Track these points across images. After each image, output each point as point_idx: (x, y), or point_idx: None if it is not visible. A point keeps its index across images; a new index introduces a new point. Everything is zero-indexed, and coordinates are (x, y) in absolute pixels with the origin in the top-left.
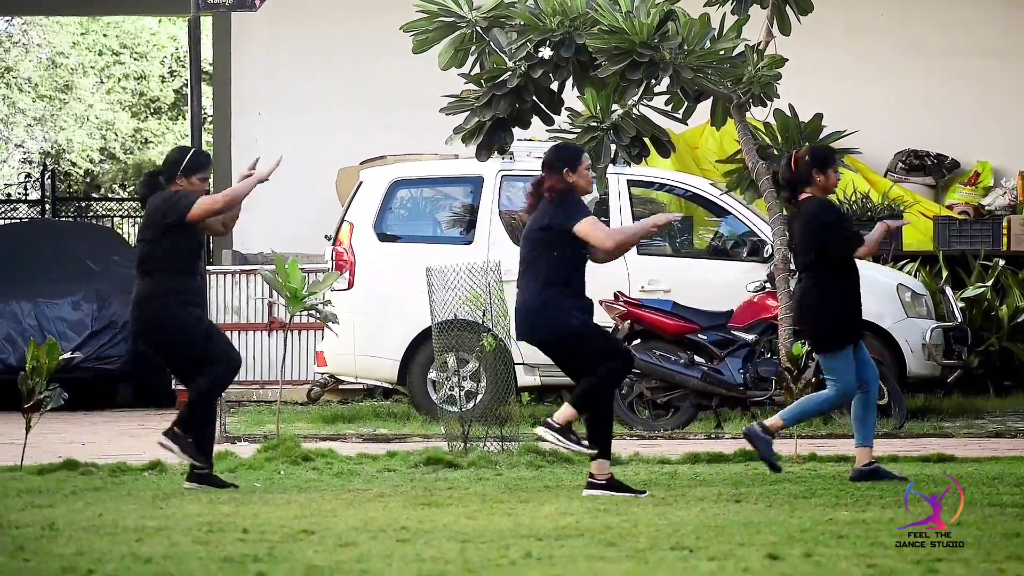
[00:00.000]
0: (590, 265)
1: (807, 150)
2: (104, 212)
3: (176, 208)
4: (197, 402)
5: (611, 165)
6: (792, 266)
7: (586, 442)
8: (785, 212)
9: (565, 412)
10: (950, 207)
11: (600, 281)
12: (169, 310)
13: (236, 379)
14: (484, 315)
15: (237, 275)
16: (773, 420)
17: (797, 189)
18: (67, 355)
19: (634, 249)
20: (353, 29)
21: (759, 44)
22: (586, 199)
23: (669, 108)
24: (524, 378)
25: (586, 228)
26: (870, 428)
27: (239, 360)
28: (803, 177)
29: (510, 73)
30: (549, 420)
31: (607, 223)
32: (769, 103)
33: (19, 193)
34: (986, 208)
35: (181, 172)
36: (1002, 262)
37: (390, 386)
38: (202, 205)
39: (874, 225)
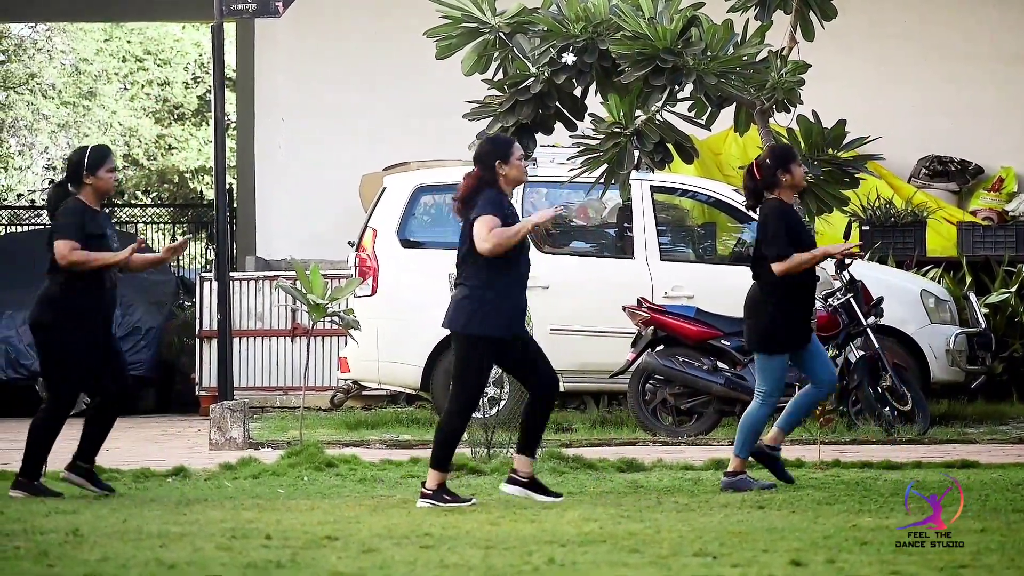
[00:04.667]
0: (613, 272)
1: (767, 153)
2: (127, 218)
3: (57, 230)
4: (31, 435)
5: (634, 171)
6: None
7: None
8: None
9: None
10: (974, 213)
11: (624, 287)
12: (59, 321)
13: (259, 385)
14: None
15: (260, 281)
16: (734, 465)
17: (762, 196)
18: None
19: (657, 255)
20: (376, 35)
21: (782, 50)
22: (606, 201)
23: (692, 114)
24: None
25: (476, 225)
26: (796, 417)
27: (65, 411)
28: (769, 181)
29: (533, 79)
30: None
31: (630, 229)
32: (792, 109)
33: (43, 199)
34: (1010, 214)
35: (87, 171)
36: None
37: (413, 392)
38: (60, 250)
39: (895, 230)
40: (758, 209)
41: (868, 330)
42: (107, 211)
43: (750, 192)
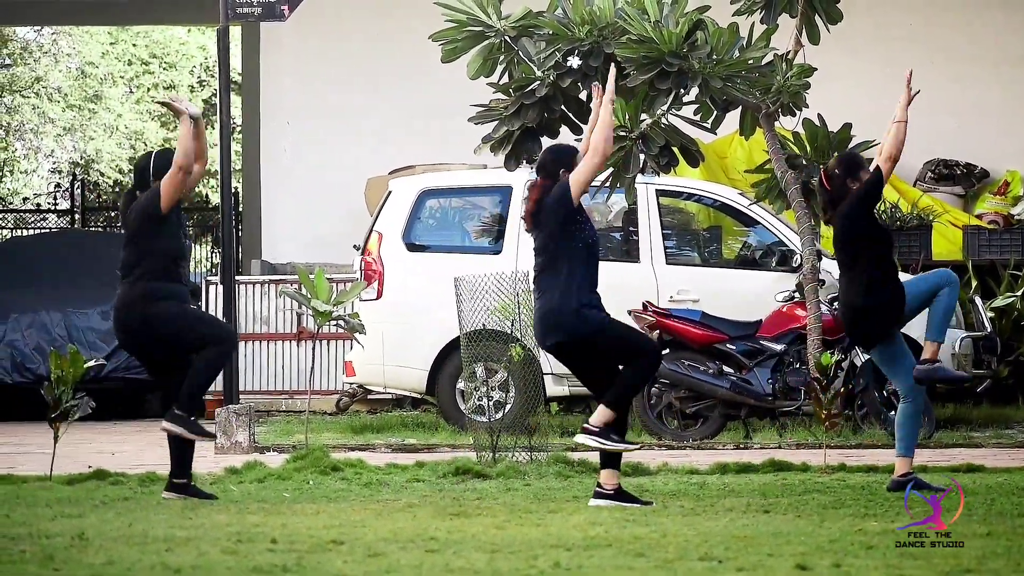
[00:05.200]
0: (619, 276)
1: (835, 163)
2: None
3: (150, 201)
4: (203, 372)
5: (640, 174)
6: (821, 276)
7: (629, 443)
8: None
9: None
10: (979, 216)
11: (629, 291)
12: (149, 310)
13: (264, 389)
14: (512, 325)
15: (266, 285)
16: (928, 349)
17: (838, 205)
18: (91, 363)
19: (663, 259)
20: (382, 38)
21: (788, 53)
22: (612, 204)
23: (698, 117)
24: (553, 388)
25: (574, 174)
26: (912, 438)
27: (234, 336)
28: (840, 190)
29: (539, 82)
30: (586, 425)
31: (635, 232)
32: (798, 112)
33: (48, 203)
34: (1015, 217)
35: (153, 176)
36: None
37: (419, 396)
38: (165, 187)
39: (901, 234)
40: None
41: None
42: (112, 215)
43: (827, 203)
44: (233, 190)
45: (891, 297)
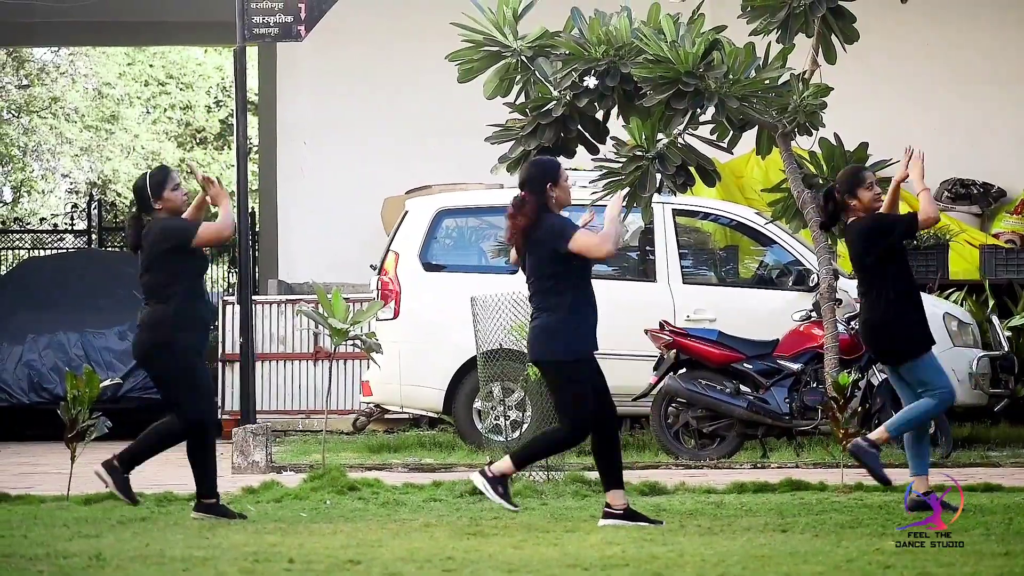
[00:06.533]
0: (635, 295)
1: (839, 177)
2: None
3: (179, 233)
4: (154, 438)
5: (656, 194)
6: (838, 295)
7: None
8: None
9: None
10: (996, 236)
11: (646, 310)
12: (176, 336)
13: (281, 409)
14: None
15: (283, 305)
16: (878, 433)
17: (837, 219)
18: (107, 383)
19: (679, 278)
20: (399, 59)
21: (804, 73)
22: (628, 224)
23: (714, 137)
24: None
25: (578, 242)
26: (925, 457)
27: (201, 423)
28: (843, 207)
29: (555, 102)
30: (484, 468)
31: (652, 252)
32: (814, 132)
33: (65, 223)
34: None
35: (152, 195)
36: None
37: (435, 415)
38: (208, 231)
39: (918, 253)
40: (848, 232)
41: None
42: None
43: (831, 220)
44: (250, 210)
45: (912, 322)
